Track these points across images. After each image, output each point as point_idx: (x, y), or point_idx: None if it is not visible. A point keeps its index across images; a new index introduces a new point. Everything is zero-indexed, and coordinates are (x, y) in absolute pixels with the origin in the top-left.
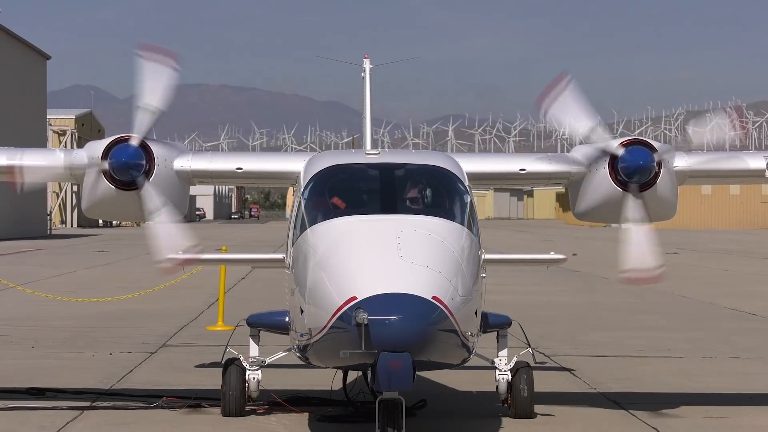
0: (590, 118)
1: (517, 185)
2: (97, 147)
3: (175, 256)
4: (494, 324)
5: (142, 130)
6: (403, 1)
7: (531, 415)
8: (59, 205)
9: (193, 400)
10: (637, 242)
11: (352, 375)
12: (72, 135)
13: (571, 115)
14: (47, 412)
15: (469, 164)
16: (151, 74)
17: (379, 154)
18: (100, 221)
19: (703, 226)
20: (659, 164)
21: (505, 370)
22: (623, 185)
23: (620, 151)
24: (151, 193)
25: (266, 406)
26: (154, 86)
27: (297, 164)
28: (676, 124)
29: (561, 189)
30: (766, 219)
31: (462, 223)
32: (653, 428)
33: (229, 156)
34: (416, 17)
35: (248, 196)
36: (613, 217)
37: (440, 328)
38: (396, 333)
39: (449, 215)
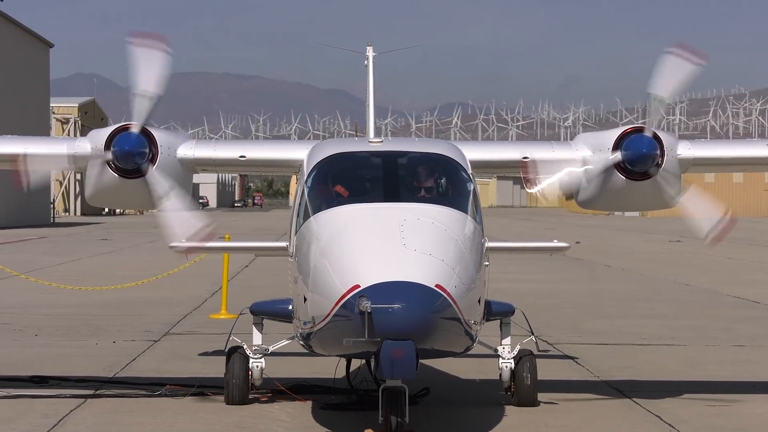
0: (671, 93)
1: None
2: (100, 135)
3: (179, 244)
4: (497, 312)
5: (142, 117)
6: None
7: (534, 403)
8: (62, 194)
9: (196, 388)
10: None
11: (356, 363)
12: (75, 123)
13: (669, 76)
14: (50, 400)
15: (472, 152)
16: (144, 61)
17: (382, 142)
18: (104, 209)
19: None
20: (662, 152)
21: (508, 358)
22: (626, 173)
23: (623, 139)
24: (157, 178)
25: (269, 394)
26: (148, 72)
27: (300, 152)
28: (679, 112)
29: None
30: None
31: (465, 211)
32: (656, 416)
33: (232, 144)
34: (419, 4)
35: (251, 184)
36: (615, 204)
37: (443, 316)
38: (399, 321)
39: (452, 203)
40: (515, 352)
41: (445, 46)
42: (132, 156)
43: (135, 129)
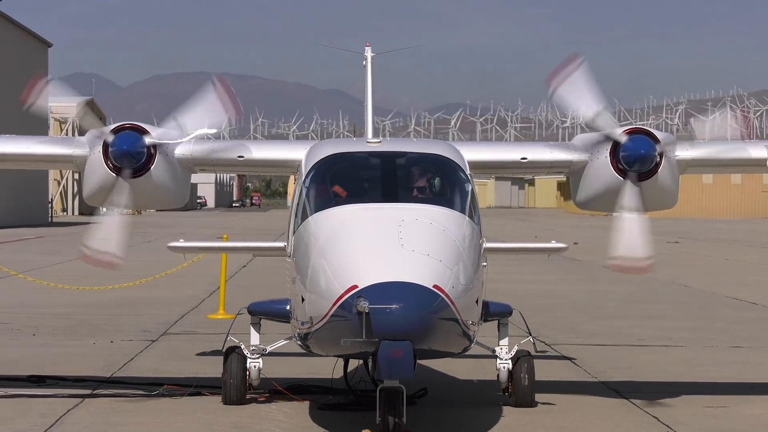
0: (597, 103)
1: (518, 174)
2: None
3: (177, 244)
4: (495, 313)
5: (157, 131)
6: None
7: (532, 403)
8: (60, 193)
9: (194, 388)
10: (630, 230)
11: (353, 363)
12: (73, 123)
13: (579, 97)
14: (48, 399)
15: (470, 153)
16: (206, 107)
17: (380, 142)
18: (102, 209)
19: (704, 215)
20: (661, 153)
21: (506, 359)
22: (624, 174)
23: (622, 139)
24: (154, 179)
25: (267, 395)
26: (202, 116)
27: (298, 152)
28: (677, 114)
29: (562, 178)
30: (767, 208)
31: (463, 212)
32: (653, 417)
33: (230, 144)
34: (418, 5)
35: (249, 185)
36: (613, 205)
37: (441, 316)
38: (397, 321)
39: (450, 204)
40: (513, 353)
41: (445, 46)
42: (129, 155)
43: (134, 129)
